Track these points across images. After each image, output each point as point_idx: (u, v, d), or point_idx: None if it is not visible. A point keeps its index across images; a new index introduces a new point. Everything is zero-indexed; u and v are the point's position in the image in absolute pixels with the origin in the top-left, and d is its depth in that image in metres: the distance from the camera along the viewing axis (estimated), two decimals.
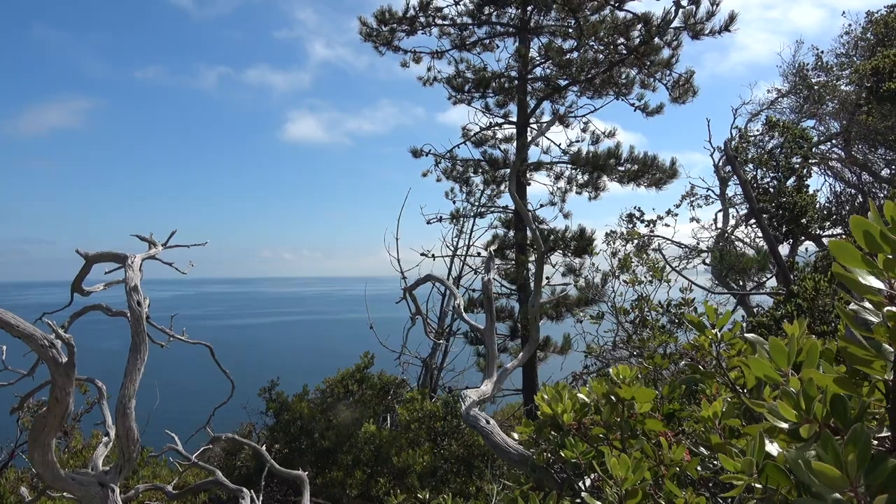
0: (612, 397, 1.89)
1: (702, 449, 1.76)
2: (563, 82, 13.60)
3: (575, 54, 12.91)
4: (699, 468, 1.71)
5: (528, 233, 13.49)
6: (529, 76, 13.83)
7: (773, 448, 1.23)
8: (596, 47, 12.85)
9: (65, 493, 4.08)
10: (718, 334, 1.90)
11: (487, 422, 2.78)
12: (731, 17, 11.53)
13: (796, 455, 0.92)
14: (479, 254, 13.80)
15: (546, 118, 14.51)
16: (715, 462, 1.84)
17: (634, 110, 13.34)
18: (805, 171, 10.18)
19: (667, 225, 12.61)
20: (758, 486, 1.21)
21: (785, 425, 1.06)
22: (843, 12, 15.22)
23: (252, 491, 3.81)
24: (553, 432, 2.27)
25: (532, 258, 13.37)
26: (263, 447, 5.00)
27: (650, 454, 1.77)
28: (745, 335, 1.58)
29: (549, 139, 14.17)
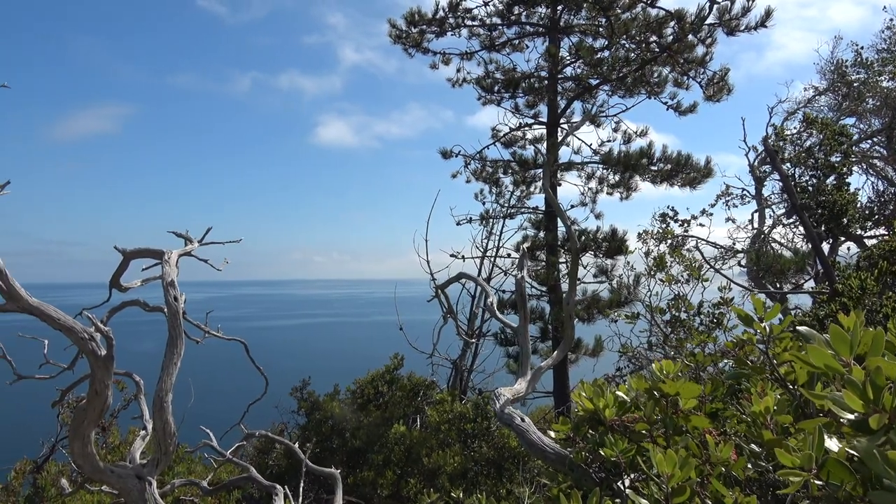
0: (655, 393, 1.83)
1: (753, 447, 1.69)
2: (593, 81, 13.47)
3: (606, 53, 12.77)
4: (750, 466, 1.64)
5: (560, 233, 13.37)
6: (560, 76, 13.73)
7: (832, 443, 1.17)
8: (627, 45, 12.69)
9: (103, 487, 4.15)
10: (767, 328, 1.82)
11: (522, 420, 2.73)
12: (768, 13, 11.29)
13: (867, 447, 0.86)
14: (508, 255, 13.73)
15: (577, 118, 14.38)
16: (763, 462, 1.77)
17: (667, 109, 13.16)
18: (845, 168, 9.88)
19: (701, 225, 12.37)
20: (817, 482, 1.15)
21: (851, 416, 1.00)
22: (885, 7, 14.75)
23: (286, 487, 3.82)
24: (591, 430, 2.22)
25: (563, 259, 13.25)
26: (296, 445, 5.02)
27: (696, 452, 1.71)
28: (798, 328, 1.52)
29: (579, 139, 14.06)
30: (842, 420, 1.09)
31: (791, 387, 1.75)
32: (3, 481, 5.13)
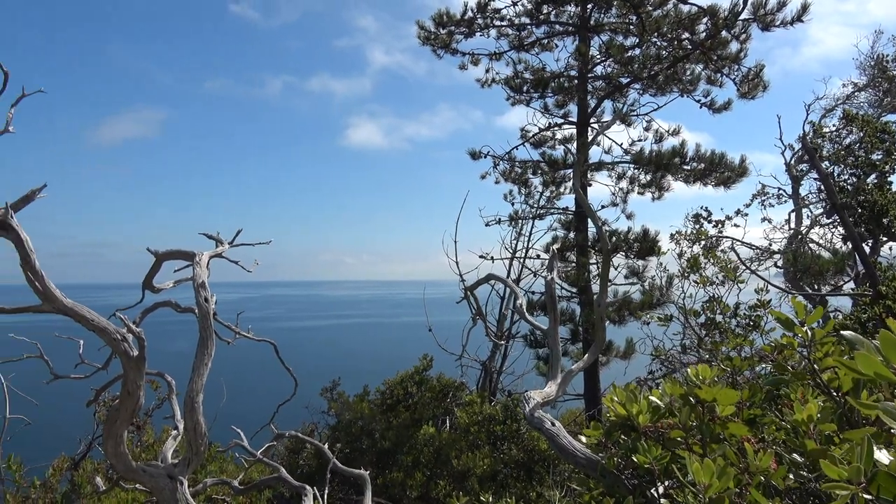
0: (691, 398, 1.77)
1: (795, 456, 1.62)
2: (624, 80, 13.29)
3: (637, 51, 12.59)
4: (791, 476, 1.58)
5: (590, 234, 13.23)
6: (590, 75, 13.58)
7: (882, 455, 1.11)
8: (659, 43, 12.49)
9: (137, 485, 4.21)
10: (809, 332, 1.75)
11: (553, 424, 2.69)
12: (804, 7, 10.99)
13: None
14: (538, 256, 13.62)
15: (607, 117, 14.22)
16: (805, 472, 1.70)
17: (700, 107, 12.91)
18: (887, 166, 9.56)
19: (736, 225, 12.08)
20: (866, 497, 1.09)
21: None
22: None
23: (315, 488, 3.83)
24: (623, 436, 2.17)
25: (593, 260, 13.10)
26: (326, 446, 5.04)
27: (734, 460, 1.65)
28: (843, 332, 1.45)
29: (610, 139, 13.89)
30: (892, 430, 1.03)
31: (835, 394, 1.68)
32: (41, 478, 5.26)
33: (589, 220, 13.22)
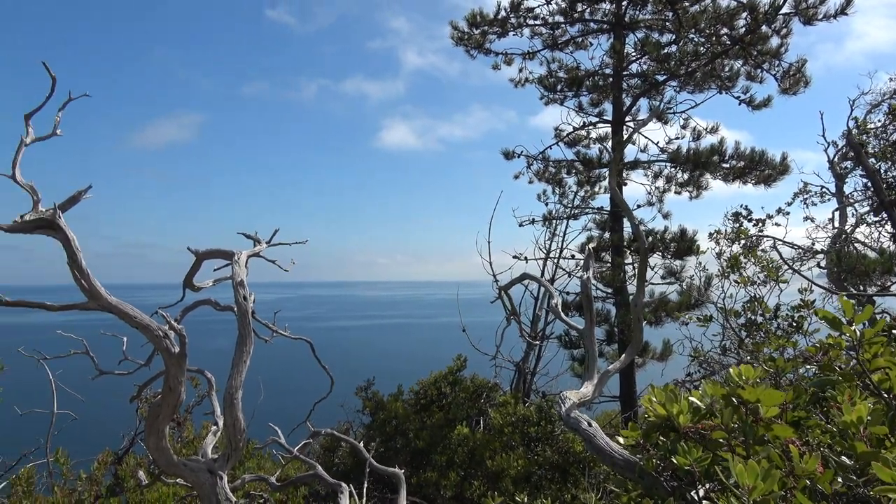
0: (734, 399, 1.73)
1: (844, 459, 1.57)
2: (660, 77, 13.09)
3: (673, 48, 12.38)
4: (839, 479, 1.53)
5: (625, 233, 13.06)
6: (625, 73, 13.42)
7: None
8: (696, 39, 12.26)
9: (178, 479, 4.31)
10: (858, 332, 1.69)
11: (590, 424, 2.65)
12: (848, 0, 10.67)
13: None
14: (572, 256, 13.50)
15: (642, 115, 14.03)
16: (853, 476, 1.65)
17: (739, 104, 12.63)
18: None
19: (777, 224, 11.76)
20: None
21: None
22: None
23: (351, 486, 3.86)
24: (662, 437, 2.13)
25: (628, 260, 12.93)
26: (361, 444, 5.08)
27: (778, 463, 1.61)
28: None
29: (646, 137, 13.69)
30: None
31: (886, 396, 1.62)
32: (87, 471, 5.42)
33: (624, 220, 13.06)
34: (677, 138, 13.55)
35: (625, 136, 13.11)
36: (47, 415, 6.98)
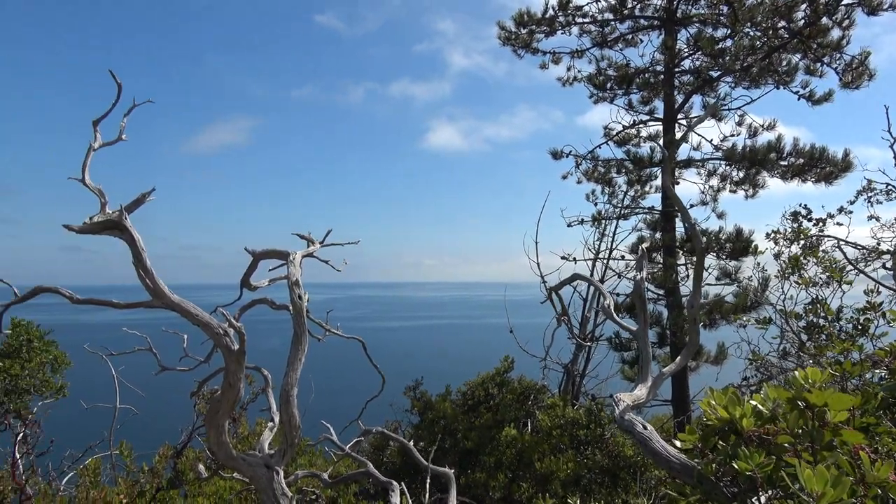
0: (800, 403, 1.67)
1: None
2: (714, 73, 12.75)
3: (728, 42, 12.04)
4: None
5: (678, 233, 12.77)
6: (676, 69, 13.12)
7: None
8: (752, 33, 11.89)
9: (234, 474, 4.43)
10: None
11: (645, 427, 2.60)
12: None
13: None
14: (622, 257, 13.28)
15: (695, 113, 13.69)
16: None
17: (798, 99, 12.18)
18: None
19: (839, 224, 11.29)
20: None
21: None
22: None
23: (402, 484, 3.90)
24: (721, 441, 2.07)
25: (681, 261, 12.64)
26: (411, 443, 5.11)
27: (848, 471, 1.55)
28: None
29: (699, 135, 13.36)
30: None
31: None
32: (148, 464, 5.63)
33: (677, 220, 12.77)
34: (732, 135, 13.17)
35: (677, 134, 12.82)
36: (110, 409, 7.29)
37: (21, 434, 6.26)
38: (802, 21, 11.16)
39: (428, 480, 4.76)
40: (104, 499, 4.71)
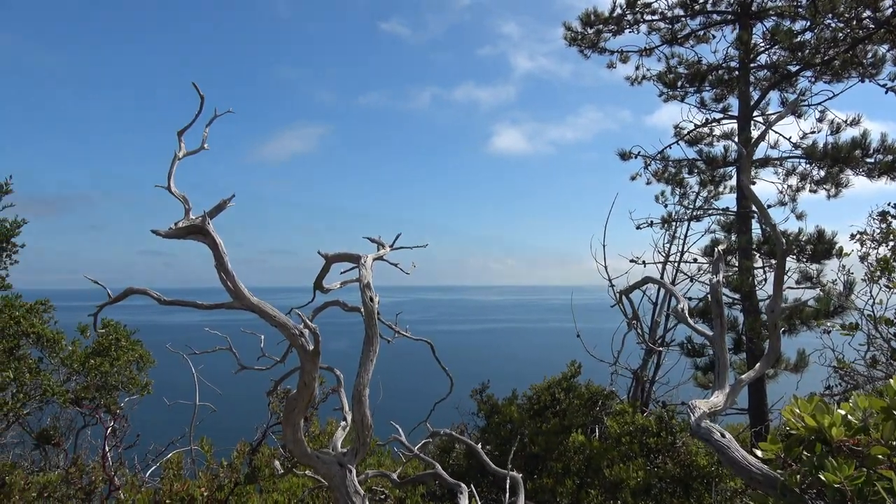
0: (895, 413, 1.58)
1: None
2: (793, 68, 12.18)
3: (808, 35, 11.49)
4: None
5: (754, 235, 12.26)
6: (752, 65, 12.62)
7: None
8: (834, 25, 11.29)
9: (307, 472, 4.56)
10: None
11: (723, 435, 2.52)
12: None
13: None
14: (695, 260, 12.85)
15: (771, 109, 13.11)
16: None
17: (886, 92, 11.46)
18: None
19: None
20: None
21: None
22: None
23: (471, 486, 3.91)
24: (806, 452, 1.98)
25: (758, 264, 12.13)
26: (479, 446, 5.12)
27: None
28: None
29: (777, 132, 12.79)
30: None
31: None
32: (227, 459, 5.87)
33: (753, 221, 12.26)
34: (813, 132, 12.54)
35: (753, 132, 12.32)
36: (190, 406, 7.63)
37: (110, 428, 6.66)
38: (890, 10, 10.52)
39: (506, 483, 4.75)
40: (186, 491, 4.94)
